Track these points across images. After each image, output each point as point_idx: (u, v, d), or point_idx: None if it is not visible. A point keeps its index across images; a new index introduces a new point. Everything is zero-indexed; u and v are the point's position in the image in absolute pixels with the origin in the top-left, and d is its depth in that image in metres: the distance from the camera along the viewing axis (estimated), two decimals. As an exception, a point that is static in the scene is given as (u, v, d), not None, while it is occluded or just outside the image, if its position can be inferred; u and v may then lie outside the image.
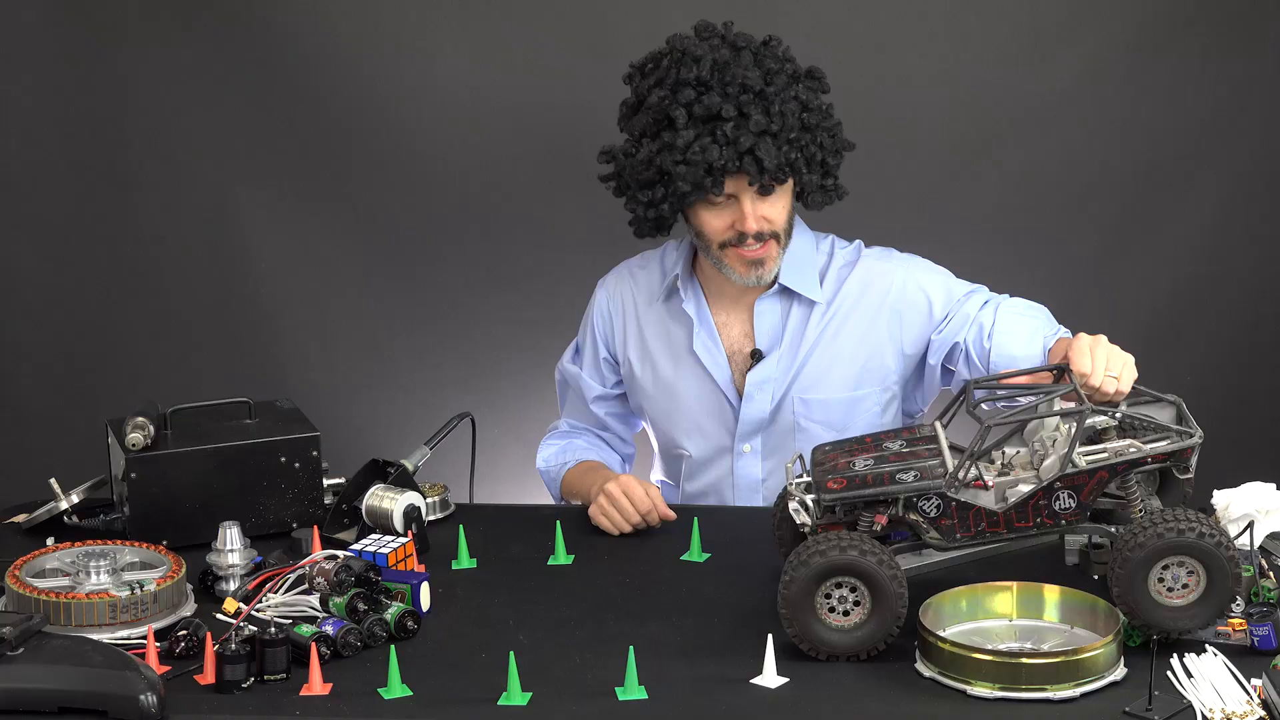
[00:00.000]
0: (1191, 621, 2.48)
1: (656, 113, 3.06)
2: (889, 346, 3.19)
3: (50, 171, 4.22)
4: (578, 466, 3.32)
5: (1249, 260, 4.23)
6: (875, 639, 2.50)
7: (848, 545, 2.48)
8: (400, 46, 4.14)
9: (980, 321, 3.09)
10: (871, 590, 2.49)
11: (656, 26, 3.91)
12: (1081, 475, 2.51)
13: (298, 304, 4.30)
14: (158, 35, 4.14)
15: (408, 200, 4.23)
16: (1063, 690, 2.39)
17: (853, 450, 2.66)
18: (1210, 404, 4.29)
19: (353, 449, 3.89)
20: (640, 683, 2.44)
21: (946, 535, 2.55)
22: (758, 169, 3.02)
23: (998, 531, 2.54)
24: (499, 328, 4.27)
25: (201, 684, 2.49)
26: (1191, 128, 4.15)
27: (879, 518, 2.56)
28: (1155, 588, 2.47)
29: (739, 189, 3.07)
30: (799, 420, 3.21)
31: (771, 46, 3.11)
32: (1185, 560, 2.46)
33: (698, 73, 3.03)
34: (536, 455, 3.42)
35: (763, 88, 3.03)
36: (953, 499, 2.53)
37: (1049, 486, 2.51)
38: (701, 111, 3.02)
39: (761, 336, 3.22)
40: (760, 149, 2.99)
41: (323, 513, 3.05)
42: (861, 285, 3.21)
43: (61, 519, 3.07)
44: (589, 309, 3.40)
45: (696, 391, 3.27)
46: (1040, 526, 2.53)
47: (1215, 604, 2.48)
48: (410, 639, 2.63)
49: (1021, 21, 4.11)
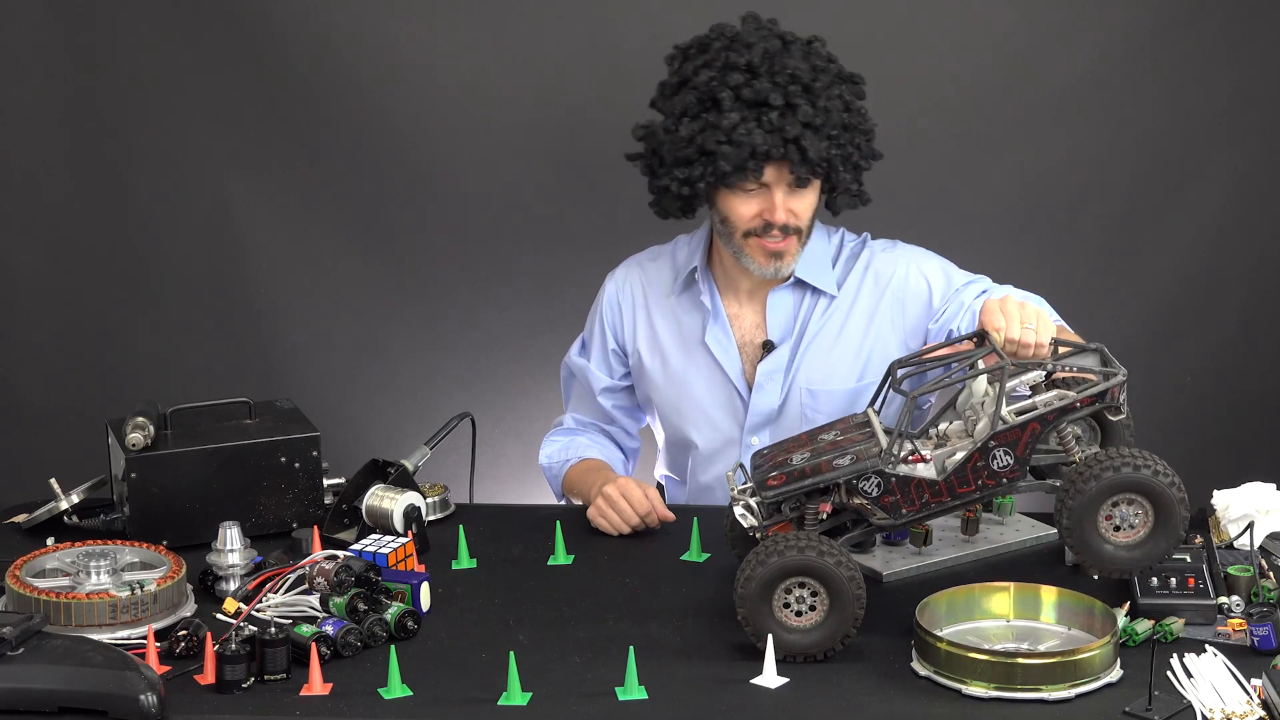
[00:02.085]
0: (1141, 560, 2.47)
1: (702, 92, 3.09)
2: (893, 336, 3.21)
3: (50, 171, 4.22)
4: (580, 465, 3.32)
5: (1249, 260, 4.24)
6: (834, 638, 2.50)
7: (804, 546, 2.48)
8: (400, 47, 4.14)
9: (973, 309, 3.10)
10: (829, 590, 2.49)
11: (656, 23, 3.91)
12: (1014, 430, 2.52)
13: (297, 304, 4.30)
14: (158, 35, 4.14)
15: (408, 200, 4.23)
16: (1058, 691, 2.39)
17: (789, 448, 2.67)
18: (1210, 404, 4.31)
19: (353, 449, 3.89)
20: (640, 683, 2.44)
21: (892, 512, 2.55)
22: (801, 158, 3.04)
23: (941, 500, 2.54)
24: (499, 328, 4.27)
25: (201, 684, 2.50)
26: (1192, 128, 4.15)
27: (823, 506, 2.57)
28: (1104, 526, 2.47)
29: (774, 179, 3.09)
30: (806, 412, 3.22)
31: (815, 46, 3.14)
32: (1134, 497, 2.47)
33: (748, 58, 3.07)
34: (539, 451, 3.43)
35: (810, 82, 3.05)
36: (891, 474, 2.54)
37: (984, 446, 2.52)
38: (750, 95, 3.05)
39: (774, 328, 3.23)
40: (805, 139, 3.02)
41: (323, 513, 3.05)
42: (866, 275, 3.23)
43: (61, 519, 3.07)
44: (597, 302, 3.40)
45: (707, 383, 3.28)
46: (982, 489, 2.54)
47: (1164, 542, 2.47)
48: (410, 639, 2.63)
49: (1021, 21, 4.11)
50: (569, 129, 4.16)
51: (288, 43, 4.14)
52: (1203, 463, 4.11)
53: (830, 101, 3.08)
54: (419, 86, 4.16)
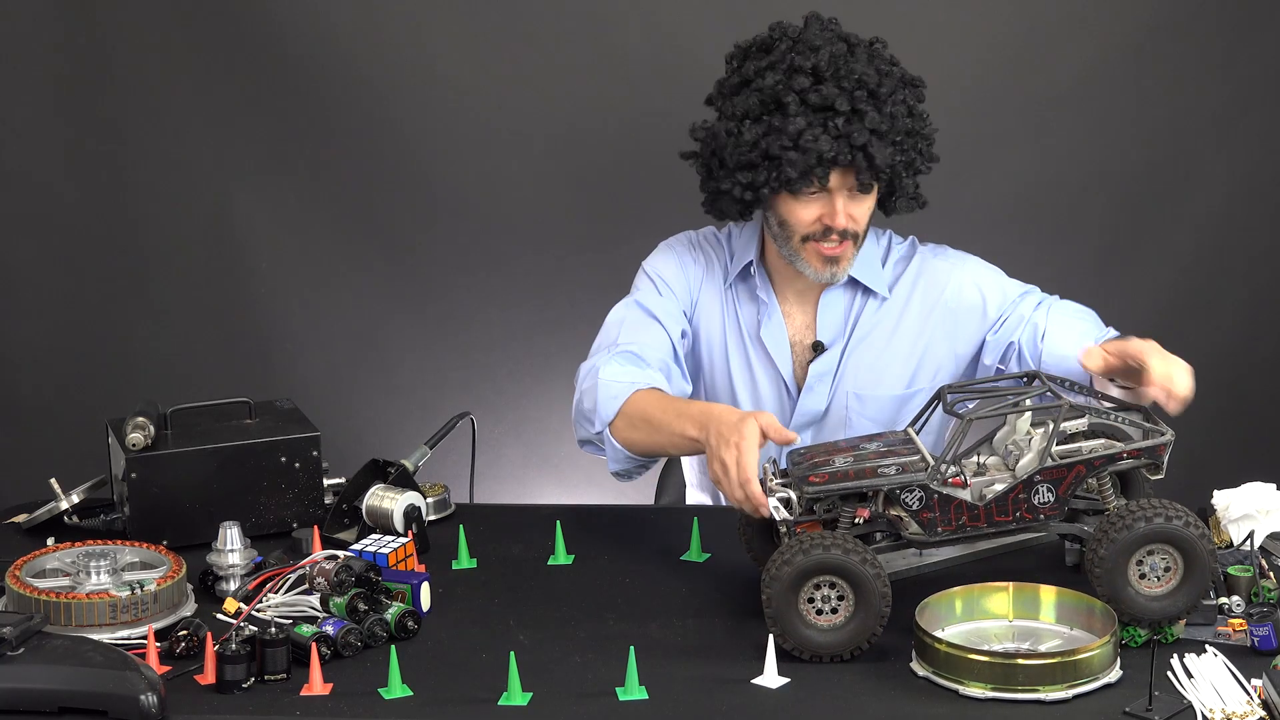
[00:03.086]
0: (1172, 609, 2.51)
1: (766, 95, 3.03)
2: (943, 345, 3.17)
3: (50, 171, 4.22)
4: (654, 393, 2.94)
5: (1249, 260, 4.24)
6: (860, 638, 2.51)
7: (830, 544, 2.49)
8: (401, 47, 4.15)
9: (1035, 322, 3.09)
10: (855, 588, 2.50)
11: (657, 23, 3.92)
12: (1060, 469, 2.55)
13: (297, 304, 4.30)
14: (158, 35, 4.14)
15: (408, 201, 4.24)
16: (1055, 691, 2.39)
17: (829, 451, 2.68)
18: (1210, 404, 4.30)
19: (353, 449, 3.89)
20: (640, 683, 2.44)
21: (928, 529, 2.57)
22: (869, 165, 3.01)
23: (978, 525, 2.56)
24: (499, 328, 4.27)
25: (201, 684, 2.49)
26: (1192, 128, 4.15)
27: (860, 511, 2.57)
28: (1133, 577, 2.51)
29: (838, 184, 3.04)
30: (851, 415, 3.18)
31: (877, 48, 3.10)
32: (1163, 548, 2.50)
33: (814, 61, 3.02)
34: (584, 380, 3.01)
35: (876, 87, 3.03)
36: (935, 491, 2.55)
37: (1029, 480, 2.55)
38: (817, 101, 3.00)
39: (824, 328, 3.19)
40: (873, 146, 2.99)
41: (323, 513, 3.05)
42: (918, 282, 3.18)
43: (61, 519, 3.07)
44: (662, 258, 3.20)
45: (756, 377, 3.21)
46: (1019, 520, 2.56)
47: (1194, 591, 2.51)
48: (410, 639, 2.63)
49: (1021, 22, 4.11)
50: (569, 129, 4.17)
51: (289, 43, 4.14)
52: (1203, 463, 4.12)
53: (895, 107, 3.03)
54: (420, 87, 4.17)
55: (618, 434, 2.96)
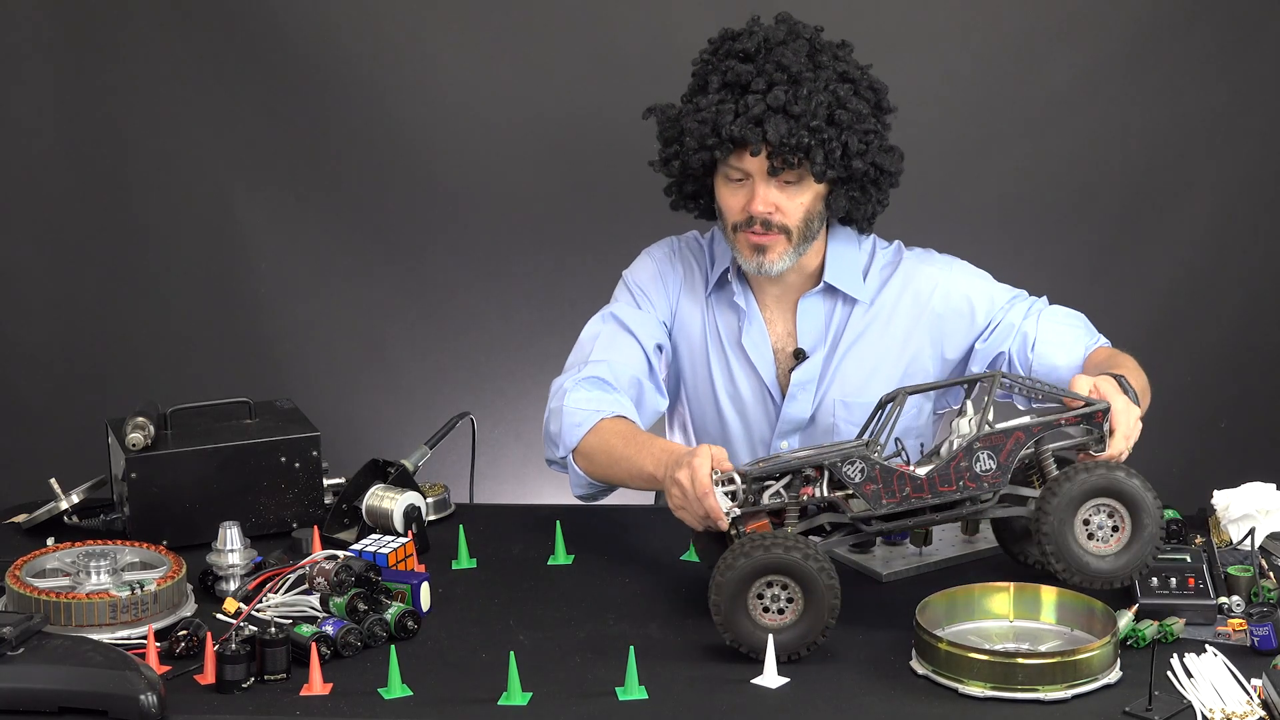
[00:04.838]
0: (1122, 569, 2.51)
1: (699, 78, 3.08)
2: (929, 351, 3.16)
3: (50, 171, 4.22)
4: (620, 422, 2.97)
5: (1249, 260, 4.24)
6: (810, 635, 2.51)
7: (772, 544, 2.50)
8: (400, 47, 4.15)
9: (1025, 331, 3.08)
10: (802, 586, 2.50)
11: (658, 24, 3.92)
12: (999, 434, 2.57)
13: (297, 304, 4.30)
14: (158, 35, 4.15)
15: (408, 200, 4.24)
16: (1054, 691, 2.39)
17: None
18: (1210, 404, 4.31)
19: (353, 449, 3.89)
20: (640, 683, 2.44)
21: (873, 501, 2.58)
22: (761, 139, 2.99)
23: (922, 496, 2.57)
24: (499, 328, 4.28)
25: (201, 684, 2.50)
26: (1191, 128, 4.15)
27: (805, 490, 2.59)
28: (1081, 537, 2.51)
29: (756, 170, 3.04)
30: (838, 422, 3.17)
31: (836, 47, 3.09)
32: (1108, 503, 2.51)
33: (744, 45, 3.04)
34: (552, 399, 3.04)
35: (800, 73, 3.02)
36: (876, 462, 2.57)
37: (969, 447, 2.57)
38: (733, 79, 3.03)
39: (805, 336, 3.18)
40: (769, 121, 2.98)
41: (323, 513, 3.05)
42: (903, 287, 3.16)
43: (61, 519, 3.07)
44: (642, 268, 3.23)
45: (739, 385, 3.21)
46: (963, 490, 2.57)
47: (1144, 549, 2.51)
48: (410, 639, 2.63)
49: (1021, 22, 4.11)
50: (570, 130, 4.17)
51: (289, 43, 4.14)
52: (1203, 463, 4.12)
53: (817, 95, 3.01)
54: (420, 87, 4.17)
55: (579, 462, 2.98)
